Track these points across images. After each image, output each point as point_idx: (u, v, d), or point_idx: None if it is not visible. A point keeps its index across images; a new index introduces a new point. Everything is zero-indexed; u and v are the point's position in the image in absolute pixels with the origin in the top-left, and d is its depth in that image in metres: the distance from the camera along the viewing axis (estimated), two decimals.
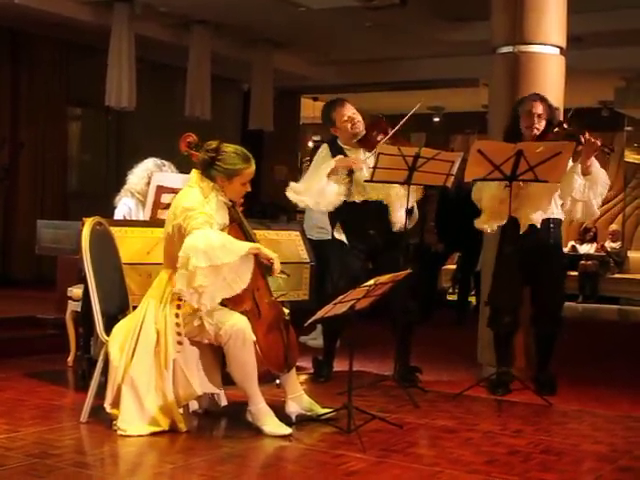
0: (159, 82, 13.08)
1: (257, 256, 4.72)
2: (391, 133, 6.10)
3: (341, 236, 6.28)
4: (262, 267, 4.82)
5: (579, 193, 5.91)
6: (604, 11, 10.49)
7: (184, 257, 4.57)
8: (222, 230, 4.82)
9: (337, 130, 6.26)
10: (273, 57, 12.74)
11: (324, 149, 6.34)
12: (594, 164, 5.90)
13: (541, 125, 5.99)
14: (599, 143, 5.77)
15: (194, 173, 4.95)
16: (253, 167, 4.93)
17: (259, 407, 4.72)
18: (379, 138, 6.10)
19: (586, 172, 5.87)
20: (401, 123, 6.09)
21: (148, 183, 6.57)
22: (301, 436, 4.71)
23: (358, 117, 6.21)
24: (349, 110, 6.20)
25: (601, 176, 5.95)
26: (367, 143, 6.14)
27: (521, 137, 5.96)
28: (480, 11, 7.83)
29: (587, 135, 5.77)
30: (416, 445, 4.72)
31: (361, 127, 6.20)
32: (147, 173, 6.65)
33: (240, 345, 4.65)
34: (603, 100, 14.71)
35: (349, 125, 6.17)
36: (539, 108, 5.99)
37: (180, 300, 4.73)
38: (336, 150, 6.25)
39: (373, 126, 6.26)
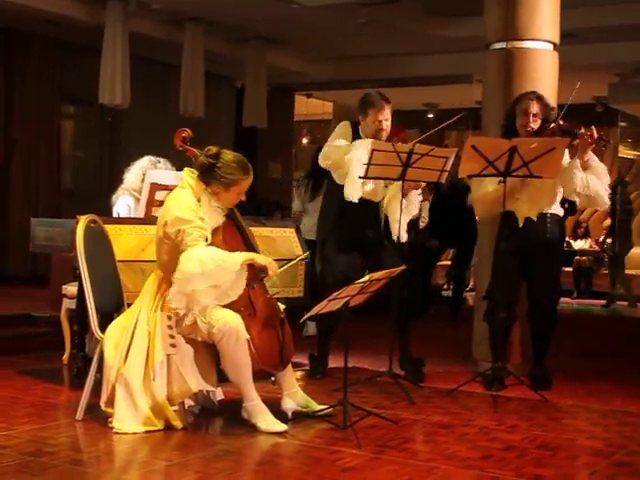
0: (153, 79, 13.07)
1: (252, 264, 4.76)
2: (421, 138, 6.13)
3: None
4: (256, 269, 4.84)
5: (584, 188, 5.89)
6: (597, 6, 10.50)
7: (182, 280, 4.61)
8: (216, 231, 4.84)
9: (364, 123, 6.23)
10: (266, 54, 12.73)
11: (345, 126, 6.31)
12: (592, 158, 5.91)
13: (536, 124, 5.99)
14: (595, 136, 5.78)
15: (186, 172, 4.94)
16: (251, 178, 4.91)
17: (254, 404, 4.71)
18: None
19: (585, 166, 5.87)
20: (429, 133, 6.21)
21: (143, 180, 6.56)
22: (297, 432, 4.71)
23: (387, 125, 6.18)
24: (385, 115, 6.16)
25: (601, 169, 5.96)
26: None
27: (517, 135, 5.96)
28: (473, 7, 7.83)
29: (582, 129, 5.78)
30: (412, 441, 4.72)
31: (384, 136, 6.15)
32: (143, 171, 6.62)
33: (233, 343, 4.64)
34: (597, 96, 14.71)
35: (375, 128, 6.15)
36: (535, 107, 5.99)
37: None
38: (357, 136, 6.25)
39: (394, 133, 6.25)
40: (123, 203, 6.67)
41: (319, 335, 6.57)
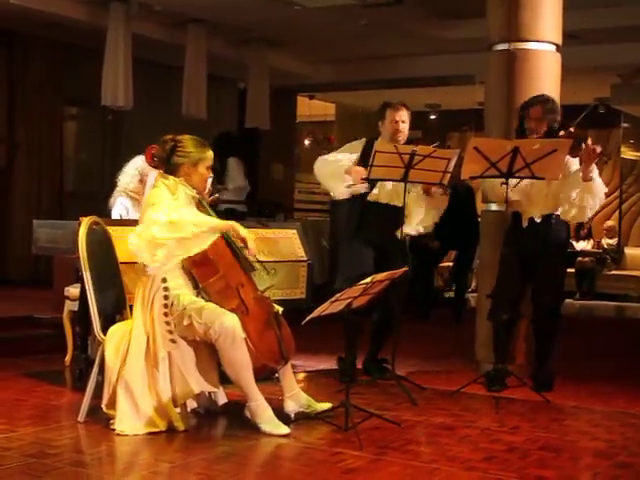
0: (155, 81, 13.06)
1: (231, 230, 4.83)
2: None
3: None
4: (237, 249, 4.86)
5: (578, 198, 5.92)
6: (599, 8, 10.49)
7: (145, 226, 4.71)
8: None
9: (383, 128, 6.29)
10: (269, 56, 12.73)
11: (357, 143, 6.36)
12: (594, 171, 5.91)
13: (540, 127, 6.00)
14: (598, 151, 5.79)
15: (159, 175, 5.00)
16: (211, 151, 5.04)
17: (258, 404, 4.71)
18: None
19: (586, 178, 5.87)
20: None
21: (141, 181, 6.59)
22: (299, 434, 4.71)
23: (404, 128, 6.24)
24: (401, 116, 6.25)
25: (599, 186, 5.96)
26: None
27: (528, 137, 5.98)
28: (476, 8, 7.83)
29: (589, 142, 5.78)
30: (414, 442, 4.72)
31: (402, 138, 6.20)
32: (138, 171, 6.66)
33: (230, 343, 4.65)
34: (599, 97, 14.68)
35: (392, 129, 6.21)
36: (539, 112, 6.01)
37: (166, 299, 4.75)
38: (370, 147, 6.22)
39: None
40: (120, 205, 6.70)
41: (346, 335, 6.50)
